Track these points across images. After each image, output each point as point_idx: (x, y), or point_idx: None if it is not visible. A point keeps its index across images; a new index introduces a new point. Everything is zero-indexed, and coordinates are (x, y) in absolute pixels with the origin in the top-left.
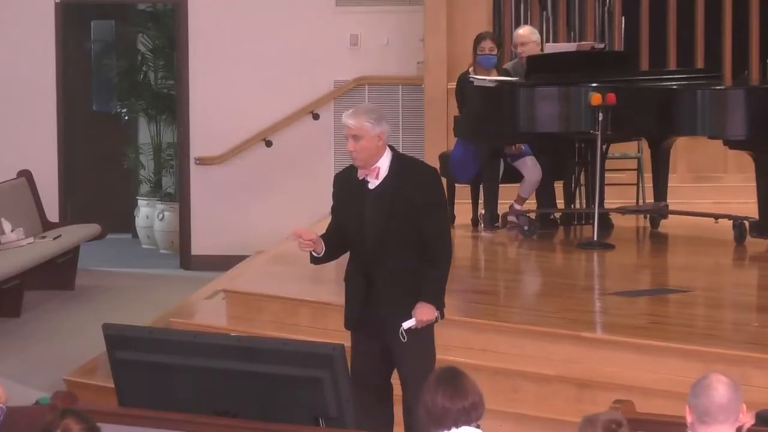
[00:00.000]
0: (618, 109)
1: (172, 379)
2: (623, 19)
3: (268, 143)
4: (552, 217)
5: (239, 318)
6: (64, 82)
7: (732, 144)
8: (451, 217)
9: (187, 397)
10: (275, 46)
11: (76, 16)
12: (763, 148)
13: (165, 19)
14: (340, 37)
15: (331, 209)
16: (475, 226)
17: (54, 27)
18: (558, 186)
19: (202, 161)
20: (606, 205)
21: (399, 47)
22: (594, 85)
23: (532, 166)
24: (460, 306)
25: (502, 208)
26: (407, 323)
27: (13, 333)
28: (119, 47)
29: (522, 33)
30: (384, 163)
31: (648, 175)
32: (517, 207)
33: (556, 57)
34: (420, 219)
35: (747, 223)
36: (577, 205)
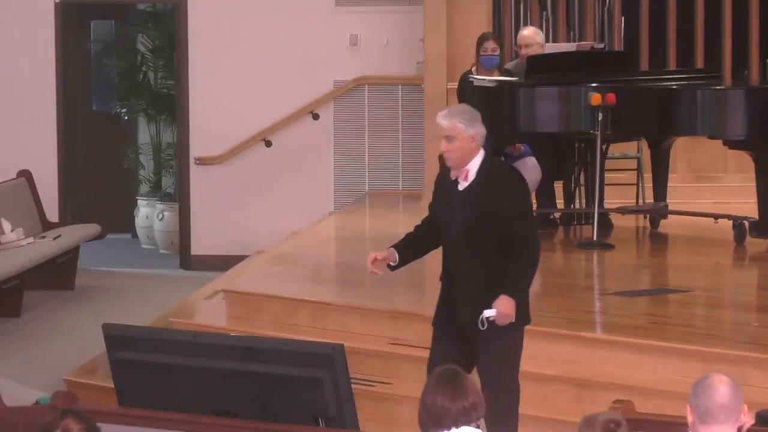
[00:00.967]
0: (618, 109)
1: (172, 379)
2: (623, 19)
3: (268, 143)
4: (552, 217)
5: (239, 318)
6: (64, 82)
7: (732, 144)
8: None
9: (187, 397)
10: (275, 46)
11: (76, 16)
12: (763, 148)
13: (165, 19)
14: (340, 37)
15: (429, 205)
16: None
17: (54, 27)
18: (558, 186)
19: (202, 161)
20: (606, 205)
21: (399, 47)
22: (594, 85)
23: (532, 166)
24: None
25: None
26: (488, 312)
27: (13, 333)
28: (119, 47)
29: (526, 34)
30: (474, 165)
31: (648, 175)
32: None
33: (556, 57)
34: (506, 225)
35: (747, 223)
36: (577, 205)
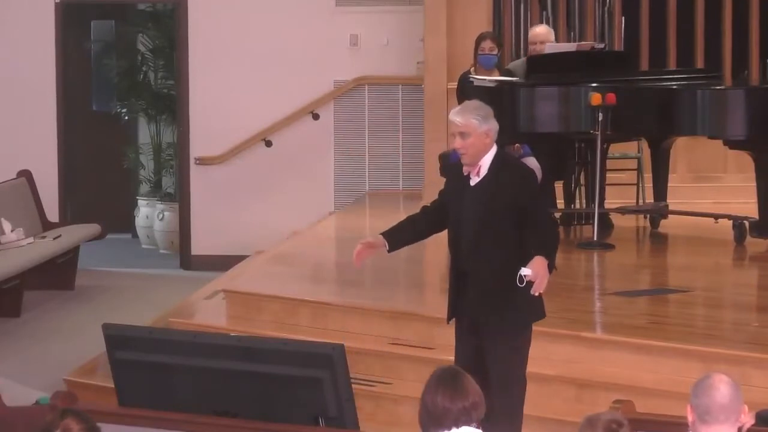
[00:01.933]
0: (618, 109)
1: (172, 379)
2: (623, 19)
3: (268, 143)
4: (552, 217)
5: (239, 318)
6: (64, 82)
7: (732, 144)
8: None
9: (187, 397)
10: (275, 46)
11: (76, 16)
12: (763, 148)
13: (165, 19)
14: (340, 37)
15: (440, 192)
16: None
17: (54, 27)
18: (558, 186)
19: (202, 161)
20: (606, 205)
21: (399, 47)
22: (594, 85)
23: (532, 167)
24: None
25: None
26: (525, 270)
27: (13, 333)
28: (119, 47)
29: (539, 32)
30: (486, 161)
31: (648, 175)
32: None
33: (556, 57)
34: (521, 220)
35: (747, 223)
36: (577, 205)
